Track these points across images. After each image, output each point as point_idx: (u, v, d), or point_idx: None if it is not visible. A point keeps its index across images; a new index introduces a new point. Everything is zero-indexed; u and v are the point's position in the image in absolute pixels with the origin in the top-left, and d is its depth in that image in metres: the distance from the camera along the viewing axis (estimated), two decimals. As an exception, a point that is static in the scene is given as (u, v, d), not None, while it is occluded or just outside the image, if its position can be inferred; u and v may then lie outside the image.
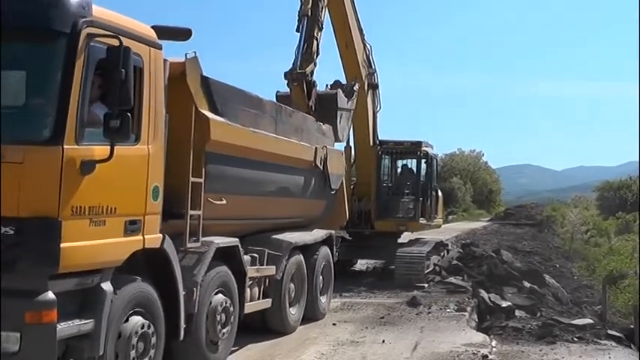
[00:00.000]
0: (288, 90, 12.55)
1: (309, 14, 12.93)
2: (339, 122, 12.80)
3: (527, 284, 15.54)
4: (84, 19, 5.62)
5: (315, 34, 13.06)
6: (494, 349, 9.70)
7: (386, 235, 16.49)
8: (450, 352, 9.24)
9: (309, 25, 12.95)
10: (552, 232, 37.04)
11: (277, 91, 12.96)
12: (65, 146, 5.44)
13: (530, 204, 53.36)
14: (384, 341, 9.84)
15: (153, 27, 6.71)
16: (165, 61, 6.82)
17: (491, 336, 10.68)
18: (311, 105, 12.50)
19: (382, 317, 11.71)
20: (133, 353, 6.20)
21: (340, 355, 9.03)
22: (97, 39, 5.71)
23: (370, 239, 16.17)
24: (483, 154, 69.64)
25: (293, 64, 12.65)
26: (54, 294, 5.46)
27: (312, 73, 12.84)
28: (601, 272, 24.02)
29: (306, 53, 12.79)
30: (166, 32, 6.83)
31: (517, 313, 13.10)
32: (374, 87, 16.37)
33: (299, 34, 12.98)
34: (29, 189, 5.36)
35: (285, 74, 12.52)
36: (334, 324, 10.98)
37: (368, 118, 16.12)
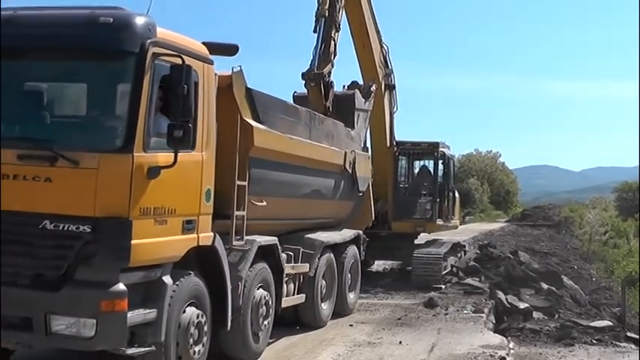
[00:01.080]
0: (305, 91, 12.56)
1: (327, 15, 12.97)
2: (357, 123, 12.80)
3: (544, 286, 15.46)
4: (150, 40, 6.27)
5: (333, 35, 13.12)
6: (511, 351, 9.70)
7: (403, 236, 16.48)
8: (467, 354, 9.23)
9: (326, 25, 13.02)
10: (570, 234, 36.79)
11: (294, 92, 13.02)
12: (135, 154, 6.07)
13: (547, 205, 53.00)
14: (400, 342, 9.85)
15: (203, 43, 7.29)
16: (214, 74, 7.40)
17: (509, 338, 10.68)
18: (328, 106, 12.57)
19: (399, 318, 11.70)
20: (190, 340, 6.90)
21: (357, 356, 9.04)
22: (161, 57, 6.35)
23: (387, 240, 16.11)
24: (500, 155, 69.39)
25: (310, 64, 12.73)
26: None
27: (329, 73, 12.91)
28: (620, 274, 23.84)
29: (324, 54, 12.86)
30: (215, 48, 7.36)
31: (535, 314, 13.03)
32: (391, 88, 16.36)
33: (316, 34, 12.98)
34: (103, 192, 6.00)
35: (303, 75, 12.59)
36: (351, 325, 11.00)
37: (385, 119, 16.12)
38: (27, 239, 6.08)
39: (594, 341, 10.52)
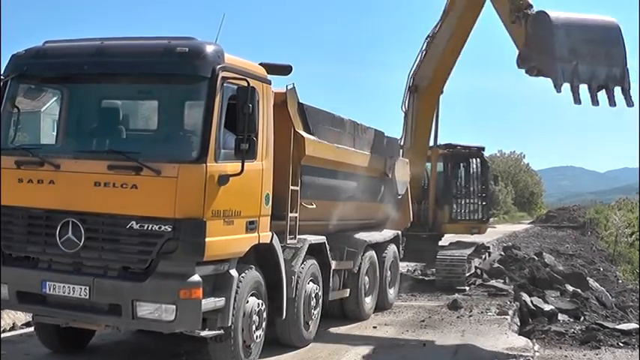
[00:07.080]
0: None
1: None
2: None
3: (570, 288, 15.43)
4: (220, 66, 7.27)
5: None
6: (536, 354, 9.73)
7: (426, 238, 16.47)
8: (491, 356, 9.11)
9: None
10: (595, 235, 36.59)
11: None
12: (208, 164, 7.06)
13: (572, 206, 52.82)
14: (424, 345, 9.76)
15: (261, 64, 8.26)
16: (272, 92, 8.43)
17: (534, 340, 10.67)
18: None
19: (423, 320, 11.79)
20: (253, 326, 7.99)
21: (381, 358, 9.09)
22: (229, 80, 7.34)
23: (410, 242, 16.00)
24: (524, 156, 68.96)
25: None
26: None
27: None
28: (647, 276, 23.48)
29: None
30: (271, 68, 8.30)
31: (560, 317, 13.00)
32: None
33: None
34: (182, 197, 6.99)
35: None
36: (374, 327, 11.13)
37: (433, 120, 16.30)
38: (116, 237, 7.15)
39: (621, 344, 10.43)
